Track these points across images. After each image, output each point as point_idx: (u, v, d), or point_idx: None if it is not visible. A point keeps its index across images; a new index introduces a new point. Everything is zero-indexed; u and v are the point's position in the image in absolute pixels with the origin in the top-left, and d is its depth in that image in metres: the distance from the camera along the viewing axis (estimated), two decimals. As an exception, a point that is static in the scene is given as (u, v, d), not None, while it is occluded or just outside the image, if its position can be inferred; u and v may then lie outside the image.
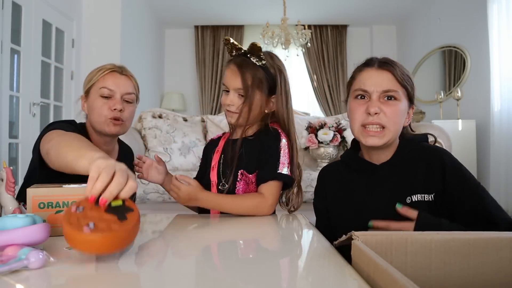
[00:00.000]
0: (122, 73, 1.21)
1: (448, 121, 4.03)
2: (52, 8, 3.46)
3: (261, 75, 1.07)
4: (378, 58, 1.01)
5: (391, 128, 0.96)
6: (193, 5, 5.26)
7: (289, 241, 0.72)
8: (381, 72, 0.97)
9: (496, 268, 0.48)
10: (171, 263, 0.64)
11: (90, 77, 1.20)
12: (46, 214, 0.74)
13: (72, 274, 0.56)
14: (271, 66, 1.09)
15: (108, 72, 1.18)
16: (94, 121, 1.19)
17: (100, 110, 1.17)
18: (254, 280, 0.53)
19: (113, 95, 1.18)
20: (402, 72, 0.98)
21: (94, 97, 1.18)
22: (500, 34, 3.56)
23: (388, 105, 0.96)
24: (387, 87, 0.96)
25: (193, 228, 0.91)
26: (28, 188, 0.75)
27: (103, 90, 1.17)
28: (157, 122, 2.81)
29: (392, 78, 0.97)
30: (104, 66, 1.21)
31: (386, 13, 5.57)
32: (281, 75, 1.11)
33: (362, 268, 0.49)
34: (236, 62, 1.08)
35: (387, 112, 0.95)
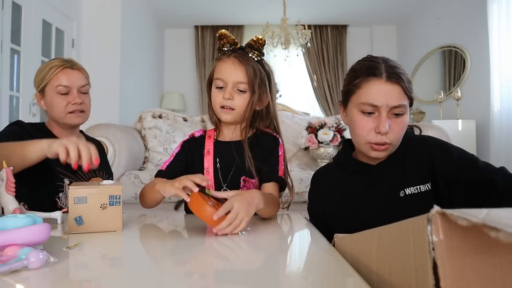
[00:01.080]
0: (73, 68, 1.26)
1: (448, 121, 4.03)
2: (52, 8, 3.46)
3: (259, 70, 1.05)
4: (384, 65, 0.93)
5: (396, 144, 0.95)
6: (193, 5, 5.25)
7: (288, 240, 0.71)
8: (390, 85, 0.91)
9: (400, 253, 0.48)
10: (170, 262, 0.64)
11: (42, 76, 1.24)
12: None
13: (72, 274, 0.55)
14: (265, 64, 1.10)
15: (60, 70, 1.23)
16: (57, 117, 1.25)
17: (61, 106, 1.23)
18: (254, 279, 0.52)
19: (70, 90, 1.24)
20: (408, 81, 0.93)
21: (52, 95, 1.23)
22: (500, 34, 3.56)
23: (396, 122, 0.92)
24: (396, 103, 0.91)
25: (192, 227, 0.90)
26: (70, 189, 0.80)
27: (59, 88, 1.22)
28: (157, 122, 2.81)
29: (400, 91, 0.91)
30: (52, 63, 1.24)
31: (386, 13, 5.57)
32: (272, 71, 1.12)
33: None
34: (237, 55, 1.04)
35: (395, 129, 0.92)
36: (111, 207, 0.81)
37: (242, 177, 1.05)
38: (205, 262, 0.64)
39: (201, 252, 0.71)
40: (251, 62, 1.03)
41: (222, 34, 1.05)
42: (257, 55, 1.04)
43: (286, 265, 0.62)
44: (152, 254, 0.70)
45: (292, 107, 3.28)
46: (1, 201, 0.83)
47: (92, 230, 0.80)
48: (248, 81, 1.02)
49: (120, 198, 0.82)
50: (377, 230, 0.50)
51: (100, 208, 0.80)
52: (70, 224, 0.79)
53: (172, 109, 5.38)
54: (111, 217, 0.81)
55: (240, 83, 1.03)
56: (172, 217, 1.04)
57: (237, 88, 1.03)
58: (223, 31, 1.06)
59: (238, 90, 1.03)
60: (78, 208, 0.79)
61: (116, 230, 0.82)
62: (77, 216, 0.79)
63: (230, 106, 1.04)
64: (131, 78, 4.41)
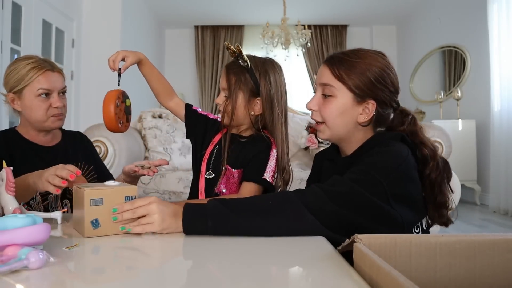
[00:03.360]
0: (54, 71, 1.21)
1: (448, 121, 4.03)
2: (52, 8, 3.46)
3: (244, 77, 1.11)
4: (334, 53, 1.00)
5: (330, 125, 0.95)
6: (193, 5, 5.25)
7: (291, 244, 0.71)
8: (322, 67, 0.98)
9: (503, 270, 0.48)
10: (169, 262, 0.64)
11: (19, 77, 1.16)
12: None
13: (72, 274, 0.55)
14: (256, 69, 1.12)
15: (42, 73, 1.17)
16: (36, 120, 1.20)
17: (41, 109, 1.19)
18: (256, 282, 0.52)
19: (51, 93, 1.20)
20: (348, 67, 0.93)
21: (31, 98, 1.18)
22: (500, 34, 3.56)
23: (324, 102, 0.96)
24: (323, 81, 0.95)
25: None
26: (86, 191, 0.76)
27: (41, 91, 1.17)
28: (157, 122, 2.81)
29: (328, 72, 0.95)
30: (29, 63, 1.17)
31: (386, 13, 5.57)
32: (265, 78, 1.12)
33: (365, 270, 0.48)
34: (227, 64, 1.16)
35: (322, 108, 0.96)
36: None
37: (226, 165, 1.12)
38: (204, 262, 0.64)
39: (200, 251, 0.71)
40: (234, 69, 1.12)
41: (226, 46, 1.14)
42: (242, 62, 1.10)
43: (288, 268, 0.62)
44: (152, 254, 0.70)
45: (292, 107, 3.28)
46: (1, 201, 0.83)
47: (109, 233, 0.76)
48: (228, 87, 1.12)
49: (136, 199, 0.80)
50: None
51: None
52: (86, 228, 0.74)
53: (172, 109, 5.37)
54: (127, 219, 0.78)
55: (224, 89, 1.14)
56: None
57: (224, 93, 1.14)
58: (225, 43, 1.16)
59: (225, 96, 1.14)
60: (94, 210, 0.74)
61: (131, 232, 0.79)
62: (94, 218, 0.74)
63: (220, 109, 1.15)
64: (131, 78, 4.41)
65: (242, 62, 1.11)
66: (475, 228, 2.98)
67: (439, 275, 0.50)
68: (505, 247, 0.49)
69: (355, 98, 0.92)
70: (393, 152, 0.86)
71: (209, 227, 0.74)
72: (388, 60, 0.96)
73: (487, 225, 3.10)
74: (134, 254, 0.69)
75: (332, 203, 0.75)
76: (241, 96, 1.12)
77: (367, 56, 0.93)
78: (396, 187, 0.80)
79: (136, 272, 0.58)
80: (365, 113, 0.93)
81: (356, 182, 0.79)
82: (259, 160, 1.11)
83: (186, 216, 0.76)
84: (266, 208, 0.76)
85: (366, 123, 0.94)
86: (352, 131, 0.95)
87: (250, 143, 1.14)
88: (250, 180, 1.10)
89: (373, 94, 0.92)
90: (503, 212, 3.47)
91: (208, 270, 0.59)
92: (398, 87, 0.97)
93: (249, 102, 1.12)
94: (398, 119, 0.98)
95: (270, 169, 1.12)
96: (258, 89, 1.12)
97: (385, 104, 0.94)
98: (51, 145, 1.28)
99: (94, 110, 1.17)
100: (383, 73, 0.92)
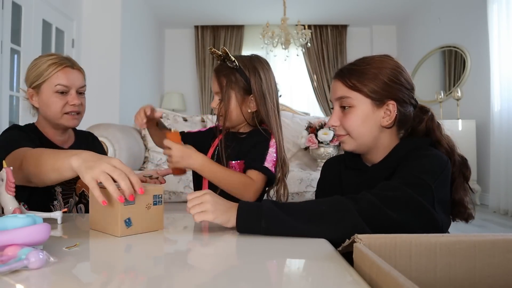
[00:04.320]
0: (73, 67, 1.21)
1: (448, 121, 4.02)
2: (52, 8, 3.46)
3: (234, 77, 1.13)
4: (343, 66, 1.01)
5: (355, 135, 0.95)
6: (193, 5, 5.25)
7: (291, 244, 0.71)
8: (333, 82, 0.99)
9: (503, 270, 0.48)
10: (169, 262, 0.64)
11: (39, 72, 1.17)
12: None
13: (72, 274, 0.55)
14: (245, 67, 1.14)
15: (61, 68, 1.17)
16: (52, 117, 1.20)
17: (58, 106, 1.18)
18: (256, 281, 0.52)
19: (68, 90, 1.19)
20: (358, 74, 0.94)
21: (49, 94, 1.18)
22: (500, 34, 3.56)
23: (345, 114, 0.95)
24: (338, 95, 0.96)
25: (194, 226, 0.90)
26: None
27: (59, 87, 1.17)
28: (157, 122, 2.81)
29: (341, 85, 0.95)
30: (50, 59, 1.18)
31: (386, 13, 5.57)
32: (255, 75, 1.14)
33: (365, 271, 0.48)
34: (216, 68, 1.17)
35: (343, 121, 0.96)
36: (154, 207, 0.81)
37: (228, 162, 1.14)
38: (204, 261, 0.64)
39: (200, 250, 0.71)
40: (223, 72, 1.13)
41: (210, 49, 1.17)
42: (230, 63, 1.12)
43: (288, 268, 0.62)
44: (152, 254, 0.70)
45: (292, 107, 3.28)
46: (1, 201, 0.83)
47: (139, 231, 0.78)
48: (220, 90, 1.13)
49: (162, 198, 0.82)
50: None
51: (145, 208, 0.79)
52: (120, 227, 0.75)
53: (172, 109, 5.38)
54: (155, 217, 0.81)
55: (217, 92, 1.15)
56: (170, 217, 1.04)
57: (218, 96, 1.15)
58: (210, 48, 1.18)
59: (219, 99, 1.15)
60: (127, 209, 0.76)
61: (158, 229, 0.81)
62: (127, 218, 0.77)
63: (218, 113, 1.16)
64: (131, 78, 4.41)
65: (230, 63, 1.12)
66: (475, 228, 2.98)
67: (439, 275, 0.50)
68: (505, 247, 0.49)
69: (374, 103, 0.93)
70: (436, 156, 0.88)
71: (262, 228, 0.75)
72: (396, 60, 0.97)
73: (487, 225, 3.10)
74: (134, 254, 0.69)
75: (387, 209, 0.75)
76: (234, 96, 1.13)
77: (375, 61, 0.95)
78: (440, 191, 0.82)
79: (136, 272, 0.58)
80: (387, 115, 0.93)
81: (408, 186, 0.79)
82: (258, 150, 1.13)
83: (241, 214, 0.77)
84: (320, 213, 0.76)
85: (391, 124, 0.94)
86: (378, 136, 0.95)
87: (249, 137, 1.16)
88: (252, 167, 1.10)
89: (390, 95, 0.92)
90: (503, 212, 3.47)
91: (206, 269, 0.59)
92: (413, 84, 0.97)
93: (243, 100, 1.14)
94: (419, 117, 0.98)
95: (270, 159, 1.13)
96: (249, 86, 1.14)
97: (405, 102, 0.94)
98: (66, 147, 1.28)
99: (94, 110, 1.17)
100: (395, 72, 0.93)
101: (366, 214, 0.74)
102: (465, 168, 0.95)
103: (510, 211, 3.40)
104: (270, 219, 0.75)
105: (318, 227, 0.74)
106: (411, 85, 0.96)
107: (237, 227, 0.77)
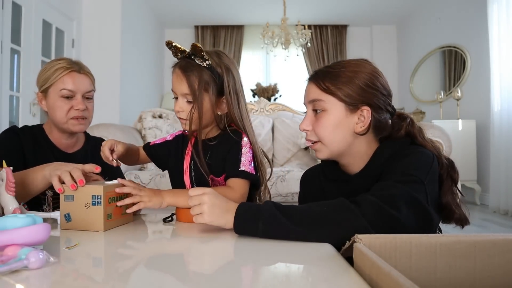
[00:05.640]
0: (80, 72, 1.20)
1: (448, 121, 4.03)
2: (52, 8, 3.46)
3: (207, 77, 1.00)
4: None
5: (327, 142, 0.91)
6: (193, 5, 5.26)
7: (291, 244, 0.71)
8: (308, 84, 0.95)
9: (503, 270, 0.48)
10: (169, 262, 0.64)
11: (46, 76, 1.18)
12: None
13: (72, 274, 0.55)
14: (217, 65, 1.02)
15: (66, 73, 1.17)
16: (58, 121, 1.19)
17: (63, 110, 1.18)
18: (256, 281, 0.52)
19: (74, 95, 1.18)
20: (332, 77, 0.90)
21: (54, 98, 1.18)
22: (500, 34, 3.56)
23: (317, 118, 0.92)
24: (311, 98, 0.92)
25: (191, 226, 0.90)
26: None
27: (64, 91, 1.17)
28: (157, 122, 2.81)
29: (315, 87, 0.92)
30: (58, 63, 1.18)
31: (386, 13, 5.57)
32: (228, 74, 1.04)
33: (364, 271, 0.48)
34: (181, 65, 1.01)
35: (315, 126, 0.92)
36: (93, 207, 0.82)
37: (210, 176, 1.05)
38: (203, 263, 0.64)
39: (199, 251, 0.71)
40: (194, 71, 0.99)
41: (167, 43, 1.02)
42: (201, 61, 0.99)
43: (287, 268, 0.62)
44: (152, 254, 0.70)
45: (292, 107, 3.27)
46: (1, 201, 0.83)
47: (78, 228, 0.83)
48: (191, 91, 0.99)
49: (101, 199, 0.82)
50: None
51: (84, 207, 0.82)
52: (61, 220, 0.84)
53: (172, 109, 5.36)
54: (94, 217, 0.82)
55: (186, 94, 1.01)
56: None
57: (186, 99, 1.02)
58: (168, 41, 1.03)
59: (187, 101, 1.02)
60: (67, 205, 0.83)
61: (98, 230, 0.82)
62: (66, 213, 0.83)
63: (182, 117, 1.03)
64: (131, 78, 4.41)
65: (201, 61, 0.99)
66: (475, 228, 2.98)
67: (439, 275, 0.50)
68: (505, 247, 0.49)
69: (347, 108, 0.89)
70: (422, 152, 0.86)
71: (260, 230, 0.74)
72: (373, 65, 0.93)
73: (487, 225, 3.10)
74: (134, 254, 0.69)
75: (389, 208, 0.73)
76: (208, 98, 1.01)
77: (351, 64, 0.91)
78: (431, 187, 0.80)
79: (136, 271, 0.58)
80: (361, 121, 0.89)
81: (402, 183, 0.77)
82: (232, 155, 1.04)
83: (239, 215, 0.76)
84: (322, 216, 0.74)
85: (365, 131, 0.90)
86: (351, 143, 0.91)
87: (219, 144, 1.06)
88: (230, 176, 1.03)
89: (365, 100, 0.88)
90: (503, 212, 3.47)
91: (205, 269, 0.59)
92: (390, 90, 0.93)
93: (216, 103, 1.03)
94: (398, 124, 0.95)
95: (246, 160, 1.04)
96: (222, 87, 1.03)
97: (380, 108, 0.90)
98: (72, 152, 1.27)
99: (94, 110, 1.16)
100: (371, 77, 0.89)
101: (370, 215, 0.72)
102: (453, 171, 0.91)
103: (510, 211, 3.40)
104: (269, 221, 0.73)
105: (320, 231, 0.72)
106: (388, 91, 0.92)
107: (234, 228, 0.76)
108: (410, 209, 0.75)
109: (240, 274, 0.55)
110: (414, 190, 0.76)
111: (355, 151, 0.92)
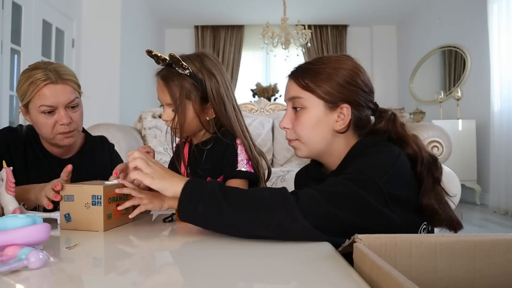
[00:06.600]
0: (58, 82, 1.06)
1: (448, 121, 4.03)
2: (52, 8, 3.46)
3: (188, 85, 0.99)
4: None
5: (304, 141, 0.90)
6: (193, 5, 5.26)
7: (291, 243, 0.71)
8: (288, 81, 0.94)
9: (503, 270, 0.48)
10: (169, 261, 0.64)
11: (23, 91, 1.06)
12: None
13: (72, 274, 0.55)
14: (199, 71, 1.01)
15: (42, 86, 1.04)
16: (45, 137, 1.12)
17: (47, 127, 1.07)
18: (256, 281, 0.52)
19: (56, 109, 1.07)
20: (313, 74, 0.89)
21: (36, 114, 1.07)
22: (500, 34, 3.56)
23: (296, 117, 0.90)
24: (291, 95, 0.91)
25: (191, 226, 0.90)
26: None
27: (43, 108, 1.05)
28: (157, 122, 2.81)
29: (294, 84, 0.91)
30: (32, 75, 1.05)
31: (386, 13, 5.57)
32: (211, 78, 1.02)
33: (365, 271, 0.48)
34: (162, 75, 1.01)
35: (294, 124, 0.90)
36: (93, 207, 0.82)
37: (208, 179, 1.03)
38: (202, 261, 0.64)
39: (198, 250, 0.71)
40: (175, 80, 0.99)
41: (148, 52, 1.00)
42: (182, 69, 0.99)
43: (287, 268, 0.62)
44: (151, 254, 0.70)
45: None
46: (1, 201, 0.83)
47: (79, 228, 0.83)
48: (173, 101, 0.99)
49: (101, 199, 0.82)
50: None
51: (84, 207, 0.82)
52: (61, 220, 0.84)
53: (172, 109, 5.37)
54: (94, 217, 0.82)
55: (169, 104, 1.01)
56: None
57: (171, 108, 1.01)
58: (148, 50, 1.00)
59: (172, 110, 1.01)
60: (66, 205, 0.84)
61: (98, 230, 0.82)
62: (66, 213, 0.84)
63: (172, 126, 1.03)
64: (131, 78, 4.41)
65: (181, 70, 0.98)
66: (475, 228, 2.98)
67: (439, 275, 0.50)
68: (505, 247, 0.49)
69: (326, 105, 0.87)
70: (384, 151, 0.83)
71: (200, 213, 0.72)
72: (355, 61, 0.91)
73: (487, 225, 3.10)
74: (134, 254, 0.69)
75: (328, 204, 0.71)
76: (191, 106, 1.01)
77: (331, 61, 0.89)
78: (392, 187, 0.76)
79: (136, 271, 0.58)
80: (340, 119, 0.87)
81: (351, 181, 0.75)
82: (227, 157, 1.05)
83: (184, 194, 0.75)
84: (258, 201, 0.72)
85: (344, 129, 0.88)
86: (331, 142, 0.89)
87: (213, 148, 1.07)
88: (228, 178, 1.04)
89: (345, 97, 0.86)
90: (503, 212, 3.47)
91: (206, 269, 0.59)
92: (371, 86, 0.91)
93: (201, 110, 1.02)
94: (378, 120, 0.93)
95: (242, 159, 1.05)
96: (205, 94, 1.01)
97: (361, 105, 0.88)
98: (67, 157, 1.20)
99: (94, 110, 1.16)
100: (352, 73, 0.87)
101: (304, 208, 0.71)
102: (435, 168, 0.86)
103: (510, 211, 3.40)
104: (208, 203, 0.72)
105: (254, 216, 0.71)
106: (370, 88, 0.90)
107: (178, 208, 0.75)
108: (356, 208, 0.72)
109: (240, 274, 0.55)
110: (364, 189, 0.74)
111: (334, 150, 0.90)
